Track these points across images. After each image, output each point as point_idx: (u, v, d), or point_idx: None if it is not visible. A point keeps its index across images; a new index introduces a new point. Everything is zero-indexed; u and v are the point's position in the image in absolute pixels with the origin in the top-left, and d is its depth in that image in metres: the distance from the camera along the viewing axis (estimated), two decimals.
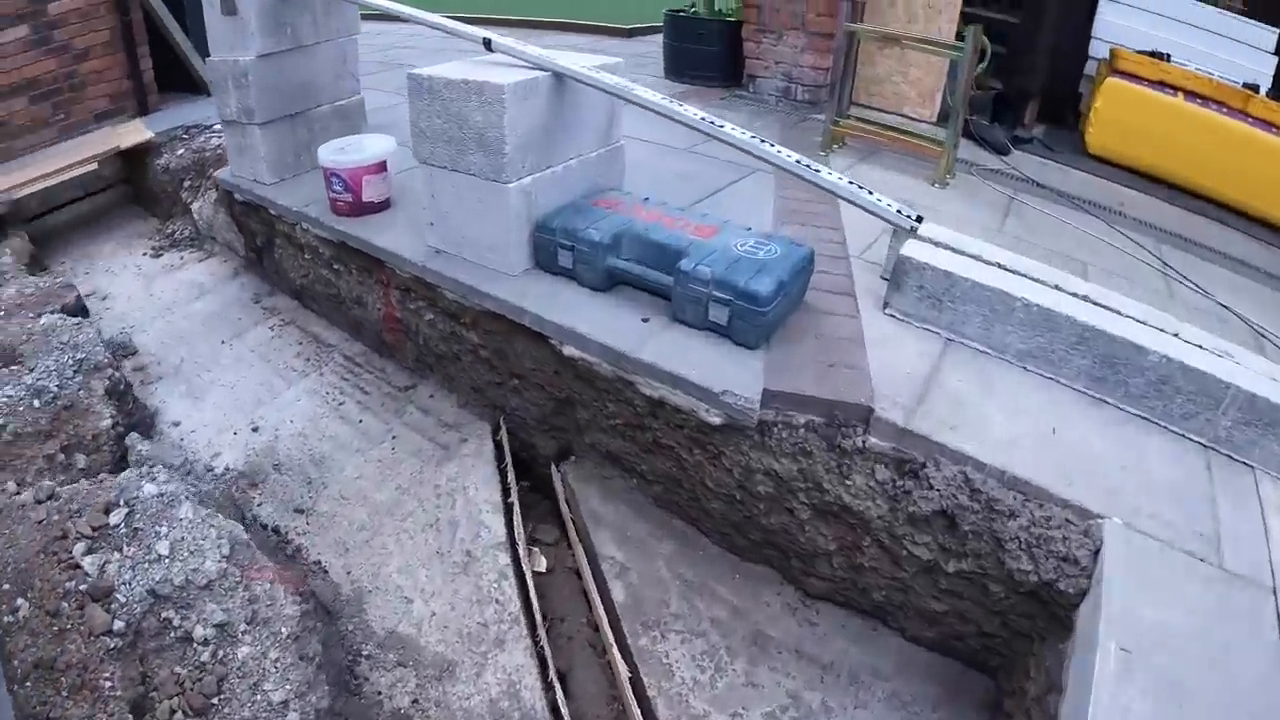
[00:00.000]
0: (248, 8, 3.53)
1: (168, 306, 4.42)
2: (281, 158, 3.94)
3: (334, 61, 4.00)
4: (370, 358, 3.71)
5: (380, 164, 3.38)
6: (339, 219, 3.47)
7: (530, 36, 8.97)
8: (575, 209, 2.70)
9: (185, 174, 5.22)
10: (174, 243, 5.22)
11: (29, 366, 3.40)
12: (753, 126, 4.80)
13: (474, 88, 2.48)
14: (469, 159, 2.63)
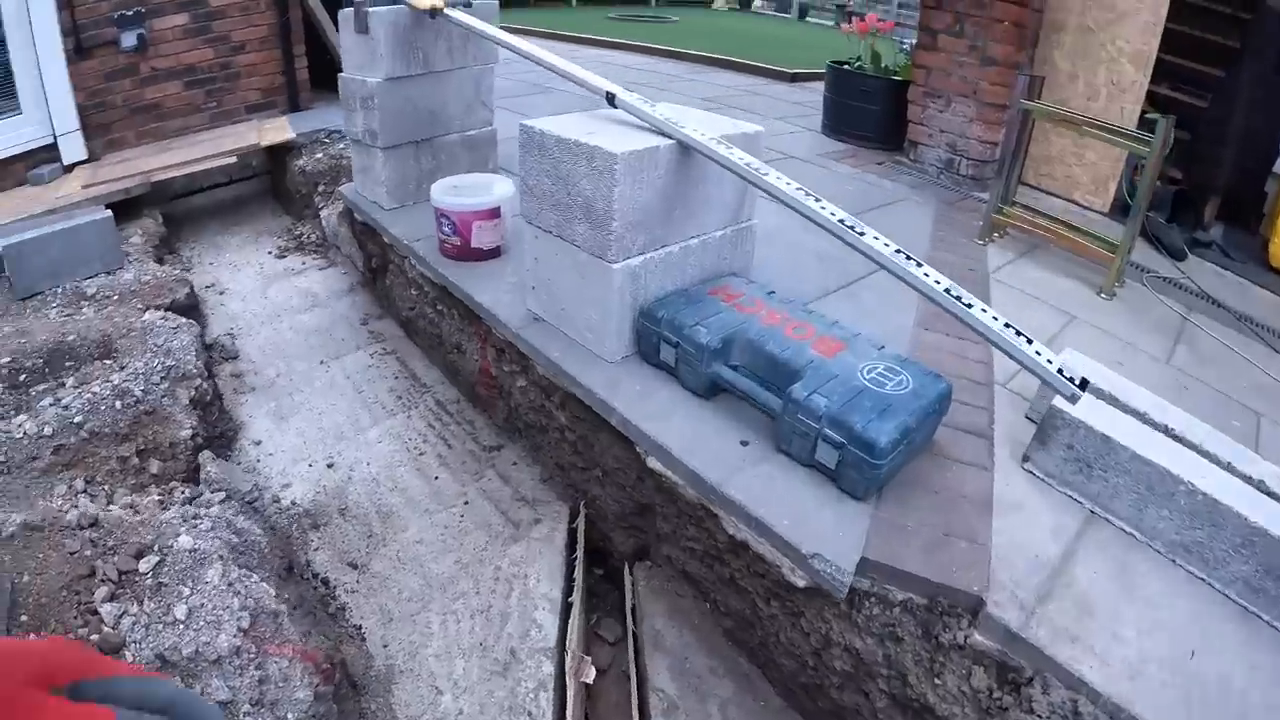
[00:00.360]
0: (378, 27, 3.38)
1: (277, 313, 4.35)
2: (402, 184, 3.78)
3: (467, 90, 3.81)
4: (462, 407, 3.48)
5: (494, 210, 3.16)
6: (444, 261, 3.26)
7: (692, 71, 8.89)
8: (687, 298, 2.38)
9: (321, 178, 5.19)
10: (300, 246, 5.18)
11: (120, 364, 3.34)
12: (909, 200, 4.44)
13: (585, 151, 2.20)
14: (574, 228, 2.35)
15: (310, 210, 5.29)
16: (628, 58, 10.05)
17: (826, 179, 4.75)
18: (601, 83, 2.51)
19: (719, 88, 7.78)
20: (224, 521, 2.49)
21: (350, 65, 3.67)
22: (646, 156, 2.16)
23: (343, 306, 4.37)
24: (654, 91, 7.28)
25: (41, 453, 2.88)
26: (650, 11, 17.56)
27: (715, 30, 13.84)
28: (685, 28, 14.18)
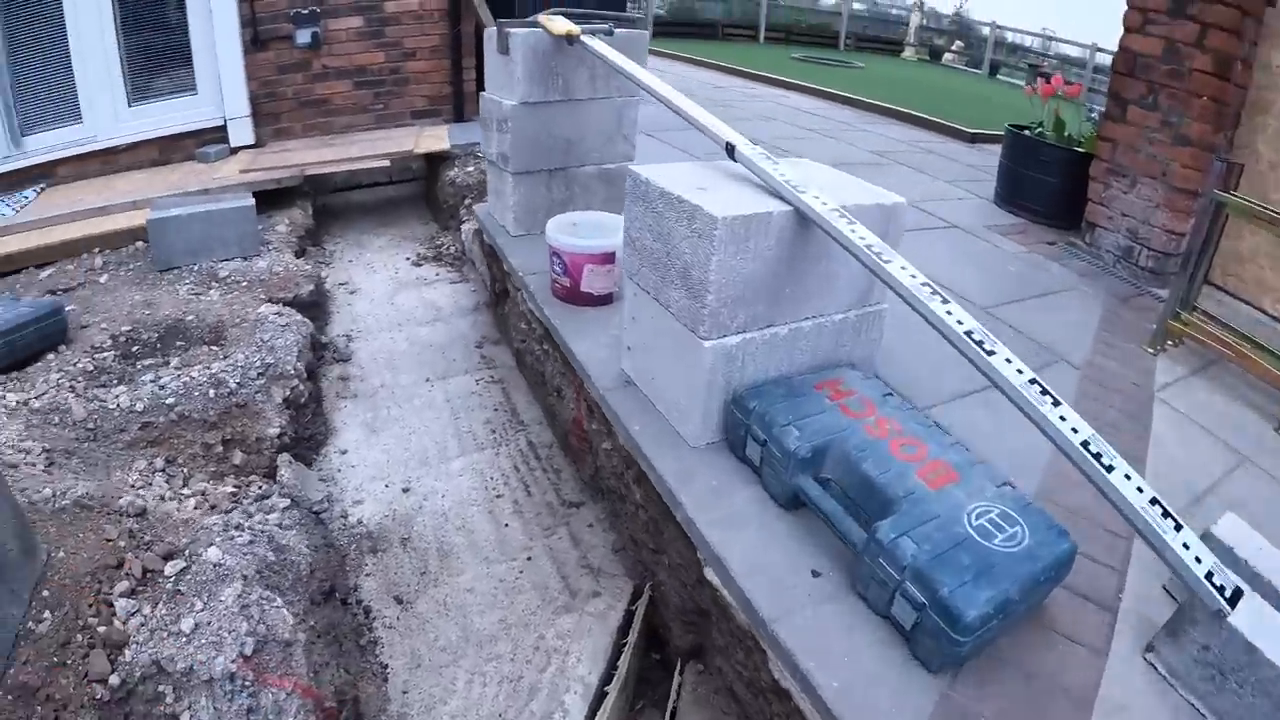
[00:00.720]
0: (517, 49, 3.24)
1: (399, 322, 4.29)
2: (530, 212, 3.63)
3: (608, 121, 3.63)
4: (553, 454, 3.28)
5: (607, 255, 2.94)
6: (552, 301, 3.08)
7: (867, 121, 8.49)
8: (788, 389, 2.06)
9: (469, 191, 5.15)
10: (437, 256, 5.14)
11: (224, 354, 3.33)
12: (1076, 290, 3.96)
13: (686, 209, 1.94)
14: (671, 293, 2.10)
15: (454, 222, 5.26)
16: (804, 100, 9.77)
17: (989, 255, 4.35)
18: (723, 131, 2.27)
19: (891, 141, 7.41)
20: (266, 537, 2.37)
21: (491, 85, 3.56)
22: (755, 223, 1.88)
23: (463, 325, 4.27)
24: (822, 139, 6.99)
25: (129, 426, 2.89)
26: (837, 56, 17.19)
27: (899, 80, 13.37)
28: (869, 75, 13.79)
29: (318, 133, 6.24)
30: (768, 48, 18.78)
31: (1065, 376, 3.05)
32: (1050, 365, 3.12)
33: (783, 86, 10.81)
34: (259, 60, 5.97)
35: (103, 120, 6.00)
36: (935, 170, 6.32)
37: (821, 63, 15.17)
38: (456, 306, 4.47)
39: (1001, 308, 3.57)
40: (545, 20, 3.18)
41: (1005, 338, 3.22)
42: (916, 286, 1.66)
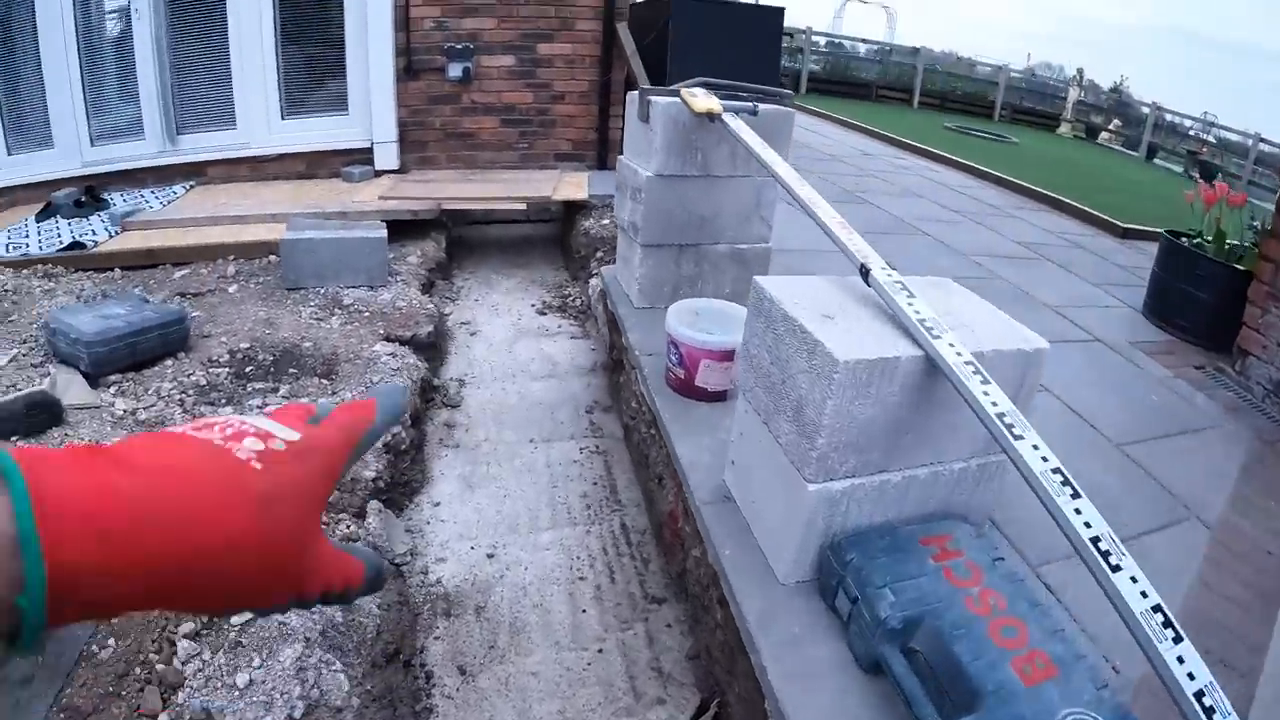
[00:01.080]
0: (658, 119, 3.18)
1: (513, 372, 4.27)
2: (656, 286, 3.55)
3: (746, 200, 3.51)
4: (645, 543, 3.16)
5: (727, 353, 2.82)
6: (664, 390, 2.98)
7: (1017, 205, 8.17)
8: (891, 542, 1.89)
9: (601, 245, 5.13)
10: (562, 307, 5.13)
11: (332, 390, 3.35)
12: (1219, 429, 3.62)
13: (807, 342, 1.81)
14: (781, 423, 1.96)
15: (584, 273, 5.24)
16: (953, 176, 9.50)
17: (1130, 379, 4.06)
18: (860, 250, 2.13)
19: (1040, 232, 7.09)
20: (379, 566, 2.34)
21: (629, 150, 3.51)
22: (880, 369, 1.74)
23: (576, 386, 4.21)
24: (970, 224, 6.75)
25: None
26: (991, 128, 16.70)
27: (1053, 159, 12.85)
28: (1022, 152, 13.31)
29: (461, 165, 6.36)
30: (921, 113, 18.50)
31: (1195, 536, 2.79)
32: (1179, 522, 2.87)
33: (933, 159, 10.56)
34: (410, 89, 6.15)
35: (255, 128, 6.26)
36: (1083, 269, 6.00)
37: (974, 134, 14.79)
38: (573, 365, 4.42)
39: (1135, 445, 3.32)
40: (686, 95, 3.11)
41: (1134, 482, 3.03)
42: (1048, 471, 1.50)
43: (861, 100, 19.29)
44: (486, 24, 6.31)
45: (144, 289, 4.46)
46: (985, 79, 22.86)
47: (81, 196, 5.64)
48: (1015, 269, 5.62)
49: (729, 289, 3.66)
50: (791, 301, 1.94)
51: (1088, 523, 1.45)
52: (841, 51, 23.36)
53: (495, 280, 5.61)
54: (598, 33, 6.46)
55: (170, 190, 6.17)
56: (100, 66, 6.32)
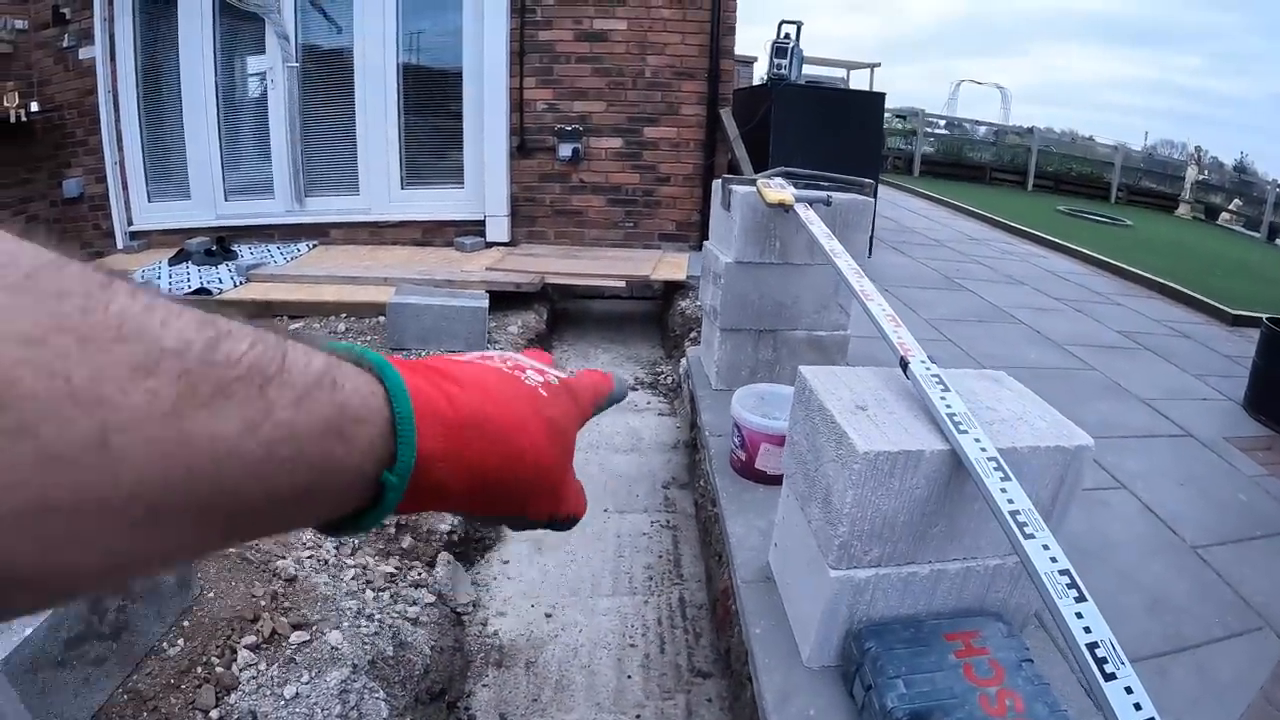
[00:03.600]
0: (738, 207, 3.31)
1: (597, 444, 4.41)
2: (733, 369, 3.65)
3: (824, 288, 3.59)
4: (699, 618, 3.20)
5: (784, 437, 2.90)
6: (726, 470, 3.06)
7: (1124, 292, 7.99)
8: (915, 634, 1.92)
9: (696, 325, 5.27)
10: (654, 384, 5.25)
11: None
12: None
13: (835, 433, 1.87)
14: (813, 507, 2.02)
15: (678, 352, 5.37)
16: (1061, 262, 9.32)
17: (1218, 476, 3.91)
18: (901, 341, 2.20)
19: (1143, 320, 6.90)
20: (391, 631, 2.49)
21: (713, 236, 3.65)
22: (901, 462, 1.80)
23: (656, 462, 4.31)
24: (1070, 313, 6.64)
25: None
26: (1106, 211, 16.16)
27: (1167, 243, 12.38)
28: (1136, 236, 12.90)
29: (568, 241, 6.62)
30: (1034, 196, 18.17)
31: (1266, 648, 2.71)
32: (1250, 632, 2.79)
33: (1042, 244, 10.41)
34: (522, 166, 6.46)
35: (376, 196, 6.67)
36: (1185, 360, 5.80)
37: (1088, 217, 14.45)
38: (656, 441, 4.53)
39: (1214, 548, 3.23)
40: (761, 185, 3.23)
41: (1206, 587, 2.95)
42: (1053, 574, 1.54)
43: (975, 183, 19.06)
44: (595, 107, 6.64)
45: None
46: (1101, 159, 22.20)
47: (213, 246, 6.10)
48: (1110, 359, 5.51)
49: None
50: (828, 391, 2.03)
51: (1088, 628, 1.48)
52: (956, 134, 23.22)
53: (592, 354, 5.79)
54: (702, 118, 6.70)
55: (295, 248, 6.58)
56: (237, 127, 6.90)
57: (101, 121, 6.76)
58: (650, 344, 6.10)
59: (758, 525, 2.74)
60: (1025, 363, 5.17)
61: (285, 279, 5.70)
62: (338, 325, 5.06)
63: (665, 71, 6.60)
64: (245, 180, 7.06)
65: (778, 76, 7.24)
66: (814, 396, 2.05)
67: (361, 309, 5.19)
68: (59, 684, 1.89)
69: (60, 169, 7.07)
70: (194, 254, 6.03)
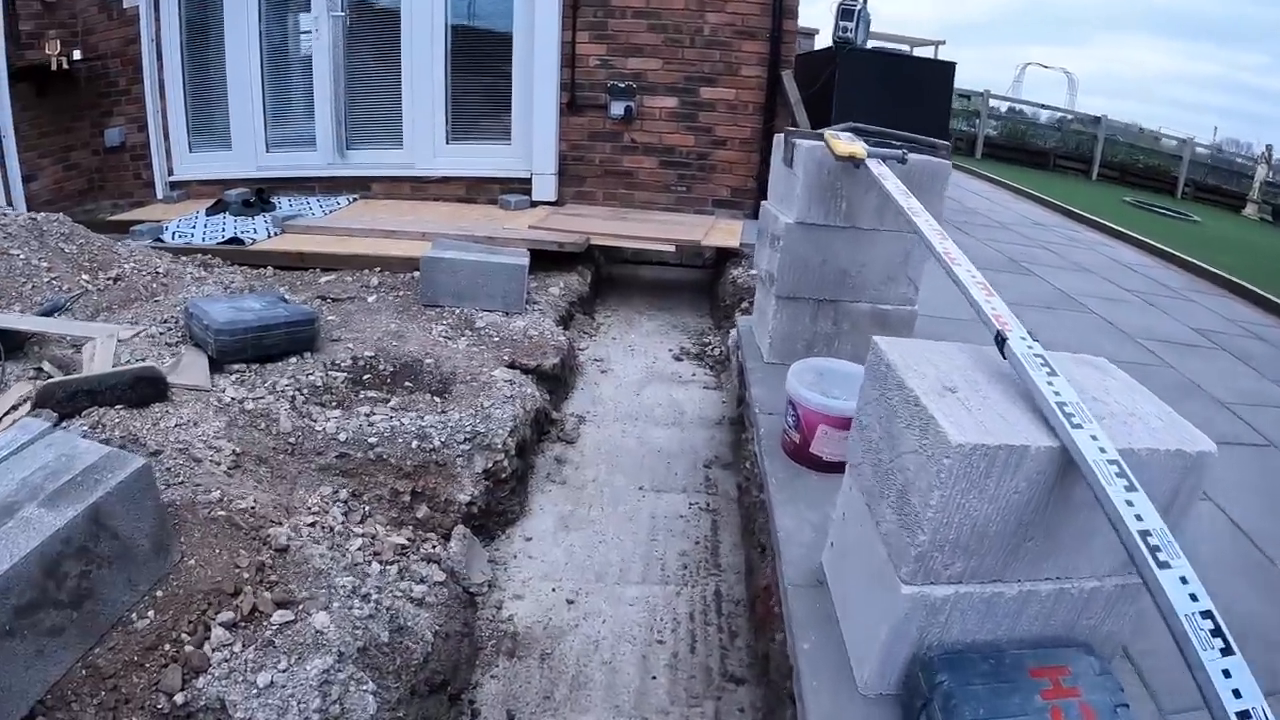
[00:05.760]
0: (801, 163, 2.97)
1: (636, 416, 4.13)
2: (789, 340, 3.33)
3: (892, 257, 3.26)
4: (736, 614, 2.89)
5: (847, 420, 2.56)
6: (776, 453, 2.74)
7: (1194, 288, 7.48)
8: (995, 667, 1.59)
9: (748, 295, 4.96)
10: (700, 355, 4.95)
11: (442, 409, 3.29)
12: None
13: (920, 418, 1.55)
14: (883, 508, 1.71)
15: (728, 323, 5.06)
16: (1129, 253, 8.84)
17: None
18: (996, 313, 1.86)
19: (1217, 319, 6.44)
20: (389, 614, 2.23)
21: (772, 196, 3.33)
22: (1002, 459, 1.47)
23: (699, 438, 4.01)
24: (1142, 306, 6.20)
25: (328, 451, 2.98)
26: (1172, 206, 15.53)
27: (1236, 242, 11.78)
28: (1205, 233, 12.31)
29: (617, 203, 6.36)
30: (1099, 186, 17.52)
31: None
32: None
33: (1109, 233, 9.91)
34: (572, 124, 6.22)
35: (420, 150, 6.44)
36: (1264, 364, 5.35)
37: (1156, 210, 13.84)
38: (700, 416, 4.22)
39: None
40: (830, 137, 2.90)
41: None
42: (1194, 617, 1.22)
43: (1038, 169, 18.41)
44: (651, 65, 6.33)
45: (289, 288, 4.57)
46: (1169, 152, 21.32)
47: (251, 197, 5.95)
48: (1185, 357, 5.08)
49: (866, 353, 3.40)
50: (910, 368, 1.70)
51: (1237, 690, 1.16)
52: (1020, 117, 22.45)
53: (636, 320, 5.50)
54: (762, 80, 6.35)
55: (335, 201, 6.38)
56: (282, 79, 6.74)
57: (144, 71, 6.66)
58: (698, 313, 5.79)
59: (810, 519, 2.41)
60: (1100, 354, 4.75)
61: (321, 231, 5.49)
62: (370, 279, 4.82)
63: (725, 30, 6.30)
64: (287, 132, 6.94)
65: (843, 40, 6.90)
66: (892, 373, 1.72)
67: (395, 263, 4.94)
68: (6, 654, 1.64)
69: (103, 118, 7.06)
70: (231, 204, 5.91)
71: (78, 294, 3.91)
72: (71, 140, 6.94)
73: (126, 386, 2.71)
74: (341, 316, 4.16)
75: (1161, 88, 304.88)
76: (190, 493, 2.35)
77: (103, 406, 2.67)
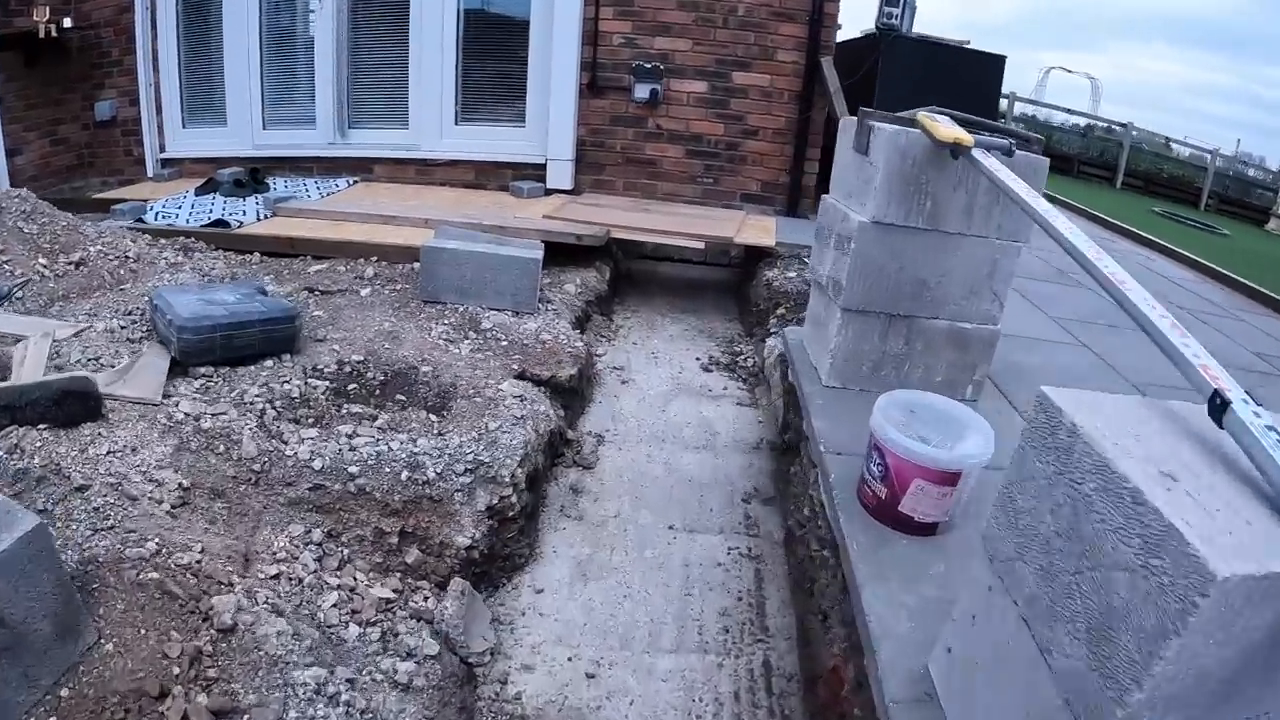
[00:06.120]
0: (880, 151, 2.47)
1: (663, 436, 3.64)
2: (853, 360, 2.84)
3: (978, 267, 2.76)
4: (789, 692, 2.38)
5: (952, 475, 2.07)
6: (853, 506, 2.23)
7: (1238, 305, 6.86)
8: None
9: (785, 300, 4.46)
10: (731, 365, 4.44)
11: (439, 429, 2.84)
12: None
13: (1145, 521, 1.04)
14: (1058, 633, 1.19)
15: (761, 330, 4.57)
16: (1168, 266, 8.33)
17: None
18: (1206, 367, 1.35)
19: (1271, 341, 5.89)
20: None
21: (838, 188, 2.83)
22: (1262, 590, 0.96)
23: (734, 465, 3.50)
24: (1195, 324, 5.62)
25: (299, 482, 2.47)
26: (1199, 217, 15.03)
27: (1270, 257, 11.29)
28: (1235, 247, 11.75)
29: (638, 194, 5.93)
30: (1124, 194, 17.01)
31: None
32: None
33: (1140, 243, 9.42)
34: (592, 106, 5.84)
35: (427, 131, 6.05)
36: None
37: (1185, 222, 13.31)
38: (734, 438, 3.71)
39: None
40: (926, 120, 2.39)
41: None
42: None
43: (1062, 174, 17.85)
44: (679, 45, 5.81)
45: (275, 278, 4.10)
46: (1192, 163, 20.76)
47: (244, 177, 5.53)
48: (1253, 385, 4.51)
49: (941, 376, 2.91)
50: (1112, 440, 1.18)
51: None
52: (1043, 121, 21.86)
53: (659, 323, 4.99)
54: (799, 66, 5.83)
55: (333, 183, 5.94)
56: (281, 51, 6.27)
57: (137, 41, 6.22)
58: (725, 317, 5.28)
59: (906, 602, 1.90)
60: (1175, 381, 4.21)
61: (315, 215, 5.01)
62: (365, 269, 4.33)
63: (761, 10, 5.80)
64: (286, 109, 6.47)
65: (887, 26, 6.39)
66: (1085, 446, 1.21)
67: (393, 253, 4.46)
68: None
69: (94, 90, 6.59)
70: (223, 184, 5.47)
71: (24, 280, 3.41)
72: (60, 114, 6.49)
73: (51, 402, 2.21)
74: (330, 312, 3.67)
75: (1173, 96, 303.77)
76: (119, 543, 1.86)
77: (23, 426, 2.17)
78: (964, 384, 2.97)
